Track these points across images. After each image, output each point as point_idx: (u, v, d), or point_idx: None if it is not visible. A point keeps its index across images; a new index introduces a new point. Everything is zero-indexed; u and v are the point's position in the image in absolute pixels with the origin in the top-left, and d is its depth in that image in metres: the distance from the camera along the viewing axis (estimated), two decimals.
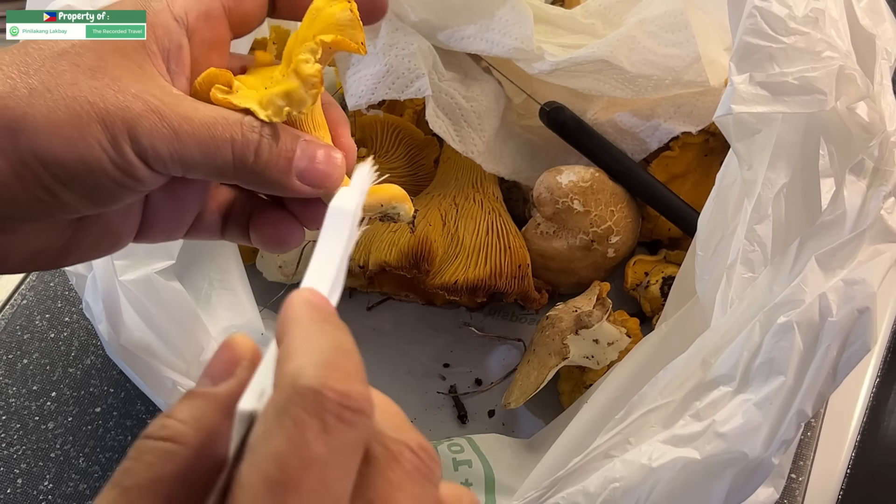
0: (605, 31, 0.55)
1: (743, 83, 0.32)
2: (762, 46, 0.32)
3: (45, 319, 0.59)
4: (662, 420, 0.32)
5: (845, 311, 0.30)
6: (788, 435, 0.29)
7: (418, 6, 0.52)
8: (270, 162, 0.30)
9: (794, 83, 0.31)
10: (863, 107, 0.32)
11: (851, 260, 0.30)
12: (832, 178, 0.32)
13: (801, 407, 0.29)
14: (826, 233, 0.31)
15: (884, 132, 0.31)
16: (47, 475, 0.51)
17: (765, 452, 0.29)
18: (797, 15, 0.32)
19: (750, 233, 0.34)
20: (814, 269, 0.31)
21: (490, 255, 0.52)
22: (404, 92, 0.52)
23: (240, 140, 0.29)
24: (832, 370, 0.30)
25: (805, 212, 0.33)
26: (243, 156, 0.29)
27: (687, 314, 0.40)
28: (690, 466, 0.30)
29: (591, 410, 0.39)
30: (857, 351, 0.30)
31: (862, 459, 0.50)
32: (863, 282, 0.30)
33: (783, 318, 0.30)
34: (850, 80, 0.31)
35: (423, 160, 0.60)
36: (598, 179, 0.52)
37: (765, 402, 0.30)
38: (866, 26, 0.34)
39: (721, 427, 0.30)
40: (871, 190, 0.31)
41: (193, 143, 0.28)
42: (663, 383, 0.34)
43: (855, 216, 0.31)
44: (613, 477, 0.31)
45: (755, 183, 0.34)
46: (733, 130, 0.35)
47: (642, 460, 0.31)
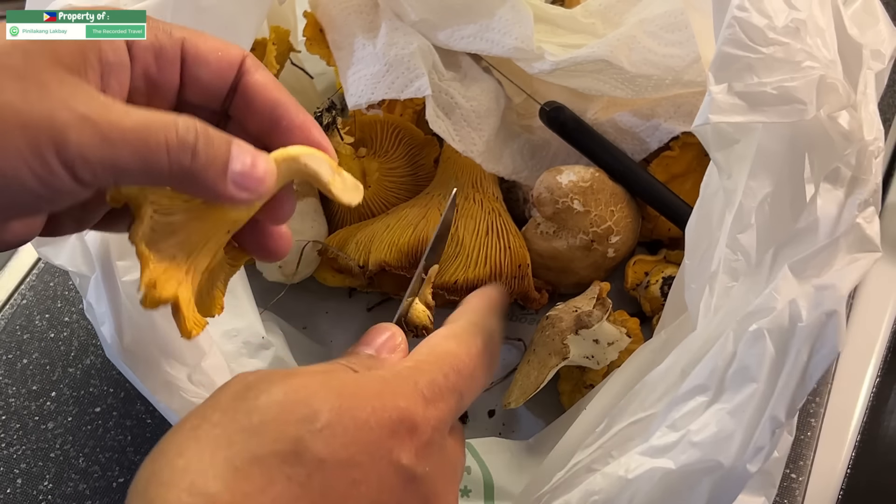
0: (606, 30, 0.55)
1: (721, 93, 0.32)
2: (741, 56, 0.32)
3: (44, 319, 0.59)
4: (644, 432, 0.33)
5: (814, 315, 0.29)
6: (762, 442, 0.29)
7: (418, 6, 0.52)
8: (207, 164, 0.28)
9: (772, 93, 0.31)
10: (844, 116, 0.32)
11: (827, 268, 0.30)
12: (814, 186, 0.32)
13: (774, 413, 0.29)
14: (800, 240, 0.31)
15: (862, 141, 0.31)
16: (47, 475, 0.51)
17: (739, 460, 0.29)
18: (777, 25, 0.32)
19: (732, 242, 0.34)
20: (786, 276, 0.30)
21: (490, 255, 0.52)
22: (404, 91, 0.52)
23: (175, 143, 0.27)
24: (803, 375, 0.30)
25: (791, 221, 0.33)
26: (179, 159, 0.28)
27: (687, 321, 0.40)
28: (667, 477, 0.30)
29: (591, 416, 0.39)
30: (827, 354, 0.30)
31: (862, 459, 0.50)
32: (832, 286, 0.30)
33: (755, 325, 0.30)
34: (832, 89, 0.31)
35: (423, 160, 0.60)
36: (598, 179, 0.52)
37: (738, 409, 0.30)
38: (854, 35, 0.34)
39: (695, 436, 0.30)
40: (849, 198, 0.31)
41: (126, 149, 0.26)
42: (643, 395, 0.34)
43: (830, 224, 0.31)
44: (593, 490, 0.31)
45: (735, 192, 0.34)
46: (711, 140, 0.35)
47: (619, 472, 0.31)
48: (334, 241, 0.55)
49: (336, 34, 0.56)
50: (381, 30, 0.54)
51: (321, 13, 0.57)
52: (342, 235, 0.56)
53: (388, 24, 0.53)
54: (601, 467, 0.32)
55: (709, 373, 0.31)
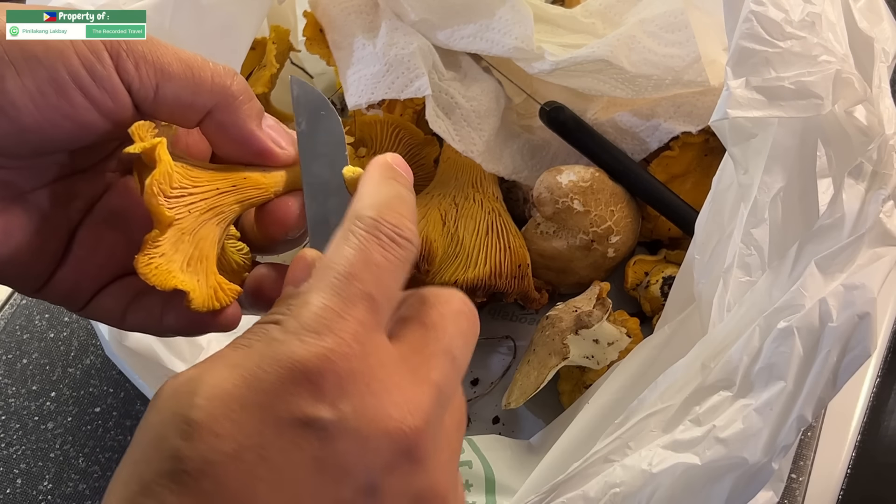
0: (606, 30, 0.55)
1: (739, 87, 0.32)
2: (758, 51, 0.32)
3: (44, 319, 0.59)
4: (662, 424, 0.32)
5: (845, 316, 0.29)
6: (789, 440, 0.29)
7: (418, 6, 0.52)
8: (245, 98, 0.30)
9: (790, 87, 0.31)
10: (861, 110, 0.32)
11: (851, 263, 0.30)
12: (830, 181, 0.32)
13: (802, 412, 0.29)
14: (825, 236, 0.31)
15: (882, 135, 0.31)
16: (47, 475, 0.51)
17: (765, 458, 0.29)
18: (793, 19, 0.32)
19: (746, 236, 0.34)
20: (813, 273, 0.30)
21: (490, 255, 0.52)
22: (404, 91, 0.52)
23: (219, 69, 0.29)
24: (832, 376, 0.30)
25: (802, 215, 0.33)
26: (222, 79, 0.29)
27: (688, 318, 0.40)
28: (691, 472, 0.30)
29: (591, 412, 0.39)
30: (857, 357, 0.30)
31: (862, 459, 0.50)
32: (863, 287, 0.30)
33: (783, 322, 0.30)
34: (848, 83, 0.31)
35: (423, 160, 0.60)
36: (598, 179, 0.52)
37: (765, 407, 0.30)
38: (864, 29, 0.34)
39: (721, 432, 0.30)
40: (870, 193, 0.31)
41: (173, 58, 0.28)
42: (663, 387, 0.34)
43: (854, 220, 0.31)
44: (614, 482, 0.31)
45: (751, 187, 0.34)
46: (729, 135, 0.35)
47: (642, 465, 0.31)
48: None
49: (336, 34, 0.56)
50: (381, 30, 0.54)
51: (321, 13, 0.57)
52: None
53: (388, 24, 0.53)
54: (619, 458, 0.32)
55: (733, 368, 0.31)
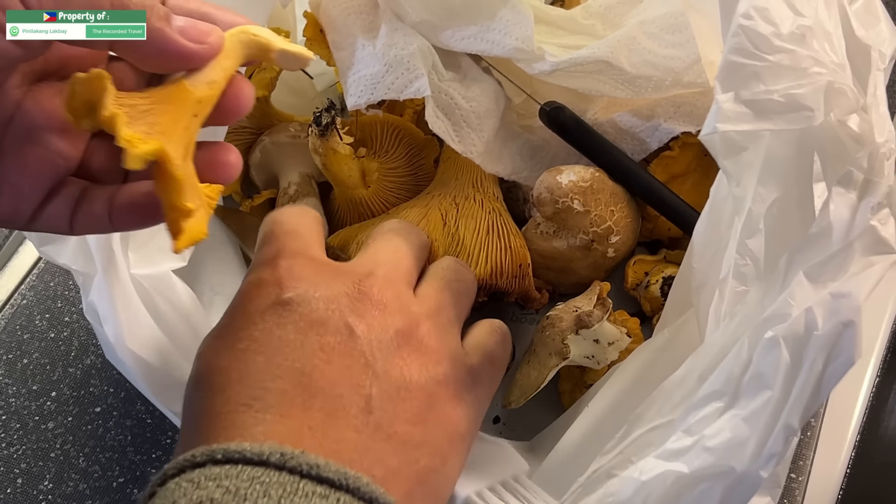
0: (606, 31, 0.55)
1: (728, 101, 0.32)
2: (747, 65, 0.32)
3: (45, 319, 0.59)
4: (663, 438, 0.33)
5: (831, 324, 0.29)
6: (776, 449, 0.29)
7: (418, 6, 0.52)
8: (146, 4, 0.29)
9: (779, 100, 0.31)
10: (854, 119, 0.31)
11: (842, 272, 0.30)
12: (825, 191, 0.32)
13: (788, 421, 0.29)
14: (814, 246, 0.31)
15: (873, 143, 0.31)
16: (47, 475, 0.51)
17: (752, 466, 0.29)
18: (783, 32, 0.32)
19: (741, 247, 0.34)
20: (801, 282, 0.30)
21: (491, 255, 0.52)
22: (404, 92, 0.52)
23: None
24: (817, 384, 0.30)
25: (799, 225, 0.33)
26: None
27: (686, 322, 0.40)
28: (680, 480, 0.30)
29: (591, 416, 0.39)
30: (842, 364, 0.30)
31: (862, 459, 0.50)
32: (849, 295, 0.29)
33: (770, 332, 0.30)
34: (840, 93, 0.31)
35: (423, 160, 0.60)
36: (598, 179, 0.52)
37: (752, 416, 0.30)
38: (861, 37, 0.34)
39: (709, 441, 0.30)
40: (862, 202, 0.31)
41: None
42: (661, 401, 0.34)
43: (843, 228, 0.30)
44: (609, 492, 0.32)
45: (744, 199, 0.34)
46: (720, 148, 0.35)
47: (634, 474, 0.31)
48: (335, 242, 0.55)
49: (336, 35, 0.56)
50: (381, 30, 0.54)
51: (321, 14, 0.57)
52: (343, 236, 0.56)
53: (388, 25, 0.53)
54: (621, 472, 0.33)
55: (725, 379, 0.31)
